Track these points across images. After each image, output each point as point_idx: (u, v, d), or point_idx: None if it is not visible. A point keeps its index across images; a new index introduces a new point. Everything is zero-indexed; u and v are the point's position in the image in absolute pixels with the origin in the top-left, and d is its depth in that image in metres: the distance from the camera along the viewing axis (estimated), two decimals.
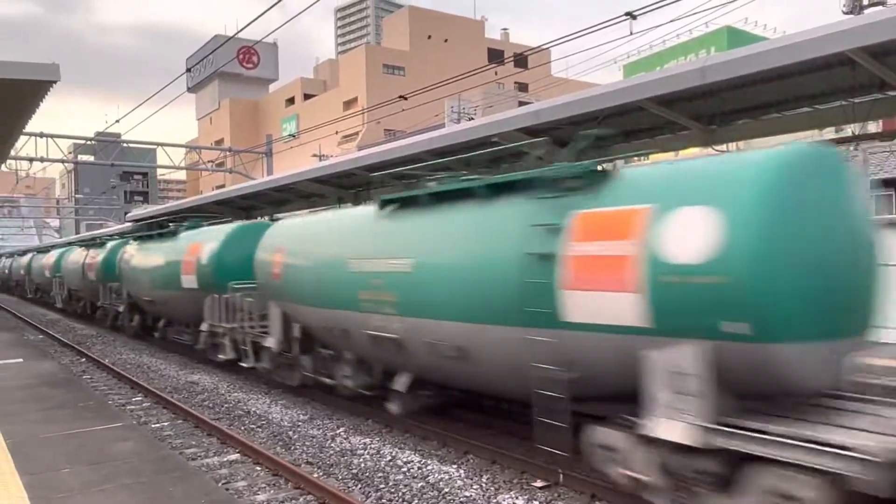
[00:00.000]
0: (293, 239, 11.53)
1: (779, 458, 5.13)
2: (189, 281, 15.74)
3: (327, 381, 10.99)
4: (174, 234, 17.83)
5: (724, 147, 10.99)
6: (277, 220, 16.79)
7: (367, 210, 10.14)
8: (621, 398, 6.30)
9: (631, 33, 10.41)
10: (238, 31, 14.69)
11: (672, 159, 10.69)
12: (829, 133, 12.15)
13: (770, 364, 5.35)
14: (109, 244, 24.79)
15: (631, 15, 9.70)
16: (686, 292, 5.58)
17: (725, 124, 10.16)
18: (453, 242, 8.02)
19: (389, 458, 8.58)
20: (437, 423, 9.67)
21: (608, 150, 8.56)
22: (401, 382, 9.33)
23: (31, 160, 29.47)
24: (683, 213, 5.73)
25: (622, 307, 6.00)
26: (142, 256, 19.40)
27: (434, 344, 8.11)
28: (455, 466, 8.16)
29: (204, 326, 14.96)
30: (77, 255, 28.53)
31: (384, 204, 9.54)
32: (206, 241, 15.52)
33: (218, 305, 14.10)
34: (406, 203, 9.13)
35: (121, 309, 22.22)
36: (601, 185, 6.67)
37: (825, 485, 4.88)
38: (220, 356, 14.20)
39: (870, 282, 5.95)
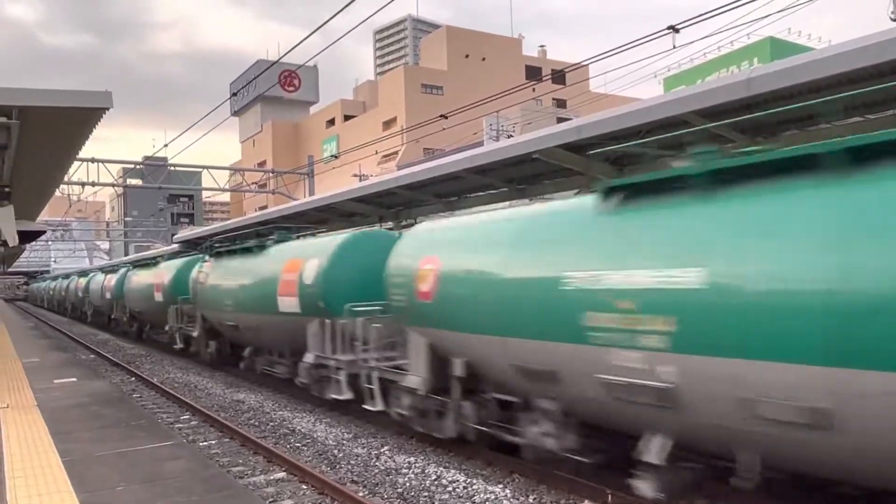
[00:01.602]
0: (455, 245, 8.90)
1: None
2: (288, 304, 13.21)
3: (508, 437, 8.29)
4: (263, 247, 15.43)
5: None
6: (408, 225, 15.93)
7: (583, 202, 7.51)
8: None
9: (674, 47, 10.31)
10: (281, 57, 15.01)
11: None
12: None
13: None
14: (178, 262, 22.89)
15: (674, 28, 9.62)
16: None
17: (771, 136, 9.98)
18: (794, 242, 5.21)
19: (434, 477, 8.54)
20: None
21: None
22: (654, 450, 6.34)
23: (83, 185, 30.48)
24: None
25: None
26: (222, 275, 17.06)
27: (752, 401, 5.31)
28: (501, 486, 8.08)
29: (309, 358, 12.53)
30: (142, 276, 26.05)
31: (610, 191, 6.97)
32: (309, 256, 12.94)
33: (328, 333, 11.93)
34: (655, 188, 6.61)
35: (195, 334, 19.70)
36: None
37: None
38: (332, 395, 11.90)
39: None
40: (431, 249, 9.13)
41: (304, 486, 8.47)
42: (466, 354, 8.50)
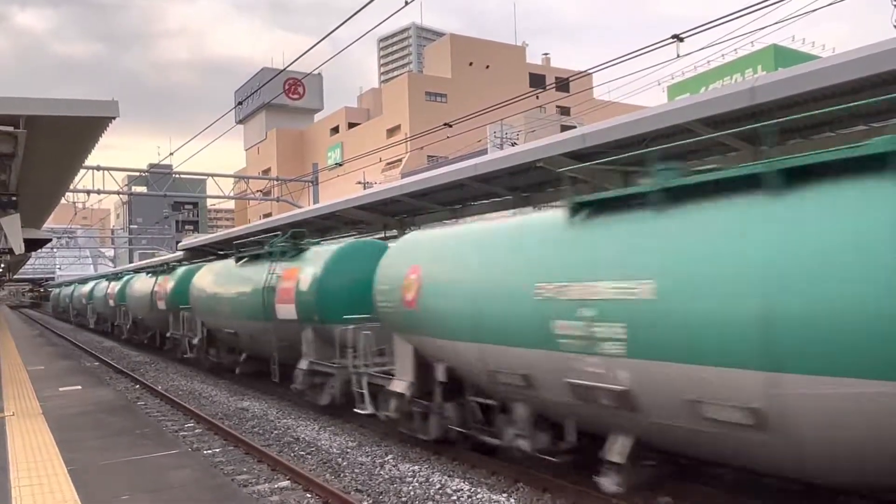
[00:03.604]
0: (436, 255, 9.32)
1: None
2: (286, 311, 13.64)
3: (487, 439, 8.79)
4: (260, 256, 15.90)
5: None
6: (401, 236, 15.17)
7: (553, 217, 7.89)
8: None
9: (678, 56, 10.32)
10: (287, 66, 15.06)
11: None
12: None
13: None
14: (179, 270, 23.19)
15: (678, 37, 9.63)
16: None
17: (777, 145, 9.96)
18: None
19: (439, 485, 8.52)
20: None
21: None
22: (618, 449, 6.87)
23: (88, 192, 30.58)
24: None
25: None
26: (220, 283, 17.66)
27: (697, 403, 5.75)
28: (505, 495, 8.06)
29: (303, 364, 13.07)
30: (143, 283, 26.47)
31: (578, 208, 7.41)
32: (305, 265, 13.49)
33: (322, 340, 12.56)
34: (619, 204, 7.00)
35: (195, 341, 20.08)
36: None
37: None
38: (323, 401, 12.60)
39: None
40: (416, 258, 9.53)
41: (309, 495, 8.46)
42: (446, 359, 9.02)
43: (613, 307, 6.38)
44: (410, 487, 8.52)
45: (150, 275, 26.54)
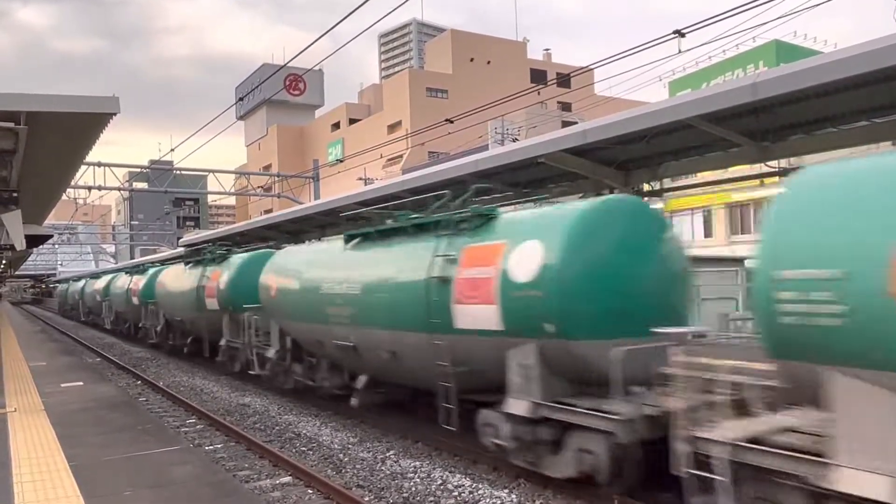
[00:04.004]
0: (283, 266, 14.16)
1: (582, 424, 7.37)
2: (211, 303, 18.43)
3: (310, 383, 13.37)
4: (201, 262, 20.39)
5: (775, 164, 10.77)
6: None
7: (337, 244, 12.58)
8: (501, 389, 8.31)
9: (679, 51, 10.29)
10: (288, 62, 15.04)
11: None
12: (886, 146, 11.79)
13: (573, 356, 7.61)
14: (150, 270, 28.00)
15: (679, 33, 9.60)
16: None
17: (779, 140, 9.95)
18: (391, 269, 10.46)
19: (440, 481, 8.53)
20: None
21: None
22: (360, 382, 11.72)
23: (89, 188, 30.58)
24: (524, 246, 8.13)
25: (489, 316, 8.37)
26: (175, 281, 22.42)
27: (376, 349, 10.51)
28: (507, 491, 8.07)
29: (222, 342, 17.74)
30: (123, 281, 32.08)
31: (350, 238, 12.05)
32: (224, 269, 18.24)
33: (233, 323, 16.87)
34: (366, 237, 11.58)
35: (159, 328, 25.06)
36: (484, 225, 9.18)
37: (605, 439, 7.11)
38: (235, 368, 16.85)
39: (670, 298, 8.04)
40: (275, 267, 14.40)
41: (310, 491, 8.47)
42: (292, 333, 13.74)
43: (347, 298, 11.07)
44: (412, 483, 8.53)
45: (191, 266, 21.54)
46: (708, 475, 5.73)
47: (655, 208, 9.80)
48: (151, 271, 27.69)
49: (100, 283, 39.32)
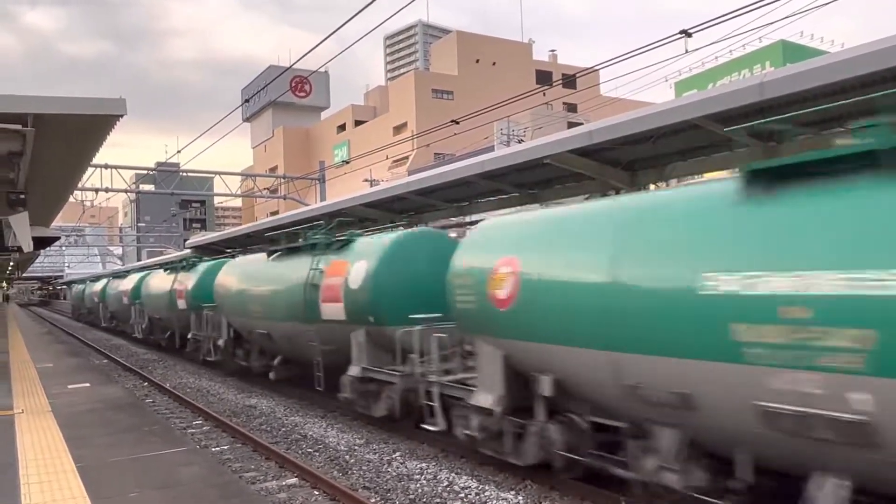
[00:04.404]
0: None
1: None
2: (332, 311, 12.33)
3: (615, 469, 7.03)
4: (300, 249, 14.33)
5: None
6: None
7: (721, 189, 6.46)
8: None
9: (686, 51, 10.26)
10: (293, 64, 15.06)
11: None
12: None
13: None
14: (202, 266, 21.69)
15: (686, 33, 9.57)
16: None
17: (786, 140, 9.90)
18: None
19: (446, 483, 8.51)
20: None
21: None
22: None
23: (96, 191, 30.71)
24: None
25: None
26: (249, 279, 16.29)
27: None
28: (513, 493, 8.05)
29: (354, 371, 11.75)
30: (161, 280, 24.65)
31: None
32: (354, 258, 12.13)
33: (376, 343, 11.51)
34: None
35: (220, 342, 18.69)
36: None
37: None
38: (379, 412, 11.20)
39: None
40: (509, 249, 8.08)
41: (317, 492, 8.47)
42: (555, 371, 7.48)
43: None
44: (418, 485, 8.52)
45: (283, 257, 15.22)
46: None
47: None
48: (204, 267, 21.48)
49: (127, 283, 31.89)
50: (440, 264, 9.64)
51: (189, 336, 21.67)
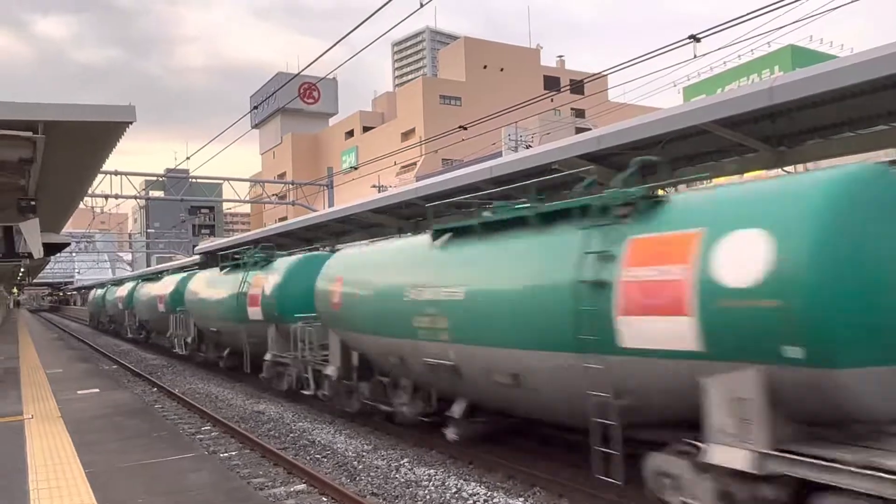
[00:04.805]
0: (352, 269, 11.90)
1: (845, 486, 4.98)
2: (255, 313, 16.10)
3: (385, 408, 11.20)
4: (240, 266, 18.00)
5: (792, 168, 10.67)
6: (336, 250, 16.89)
7: (422, 239, 10.34)
8: (679, 425, 6.34)
9: (695, 56, 10.22)
10: (301, 70, 15.12)
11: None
12: None
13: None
14: (178, 276, 25.08)
15: (695, 38, 9.54)
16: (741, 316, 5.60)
17: (795, 145, 9.86)
18: (507, 271, 8.17)
19: (455, 489, 8.48)
20: (501, 454, 9.55)
21: (657, 176, 8.68)
22: (457, 409, 9.48)
23: (106, 197, 30.86)
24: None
25: (678, 332, 6.00)
26: (207, 288, 20.04)
27: (489, 370, 8.24)
28: (522, 499, 8.01)
29: (268, 357, 15.52)
30: (148, 288, 29.19)
31: (437, 234, 9.83)
32: (270, 274, 15.90)
33: (281, 336, 15.02)
34: (460, 232, 9.40)
35: (189, 339, 22.61)
36: (652, 211, 6.73)
37: None
38: (283, 386, 15.05)
39: None
40: (339, 271, 12.25)
41: (325, 499, 8.45)
42: (359, 348, 11.76)
43: (444, 306, 8.99)
44: (426, 491, 8.49)
45: (230, 270, 18.91)
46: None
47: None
48: (179, 277, 23.79)
49: (163, 287, 25.75)
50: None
51: (268, 358, 15.67)
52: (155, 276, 31.55)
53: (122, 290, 35.80)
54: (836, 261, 5.28)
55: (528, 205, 8.25)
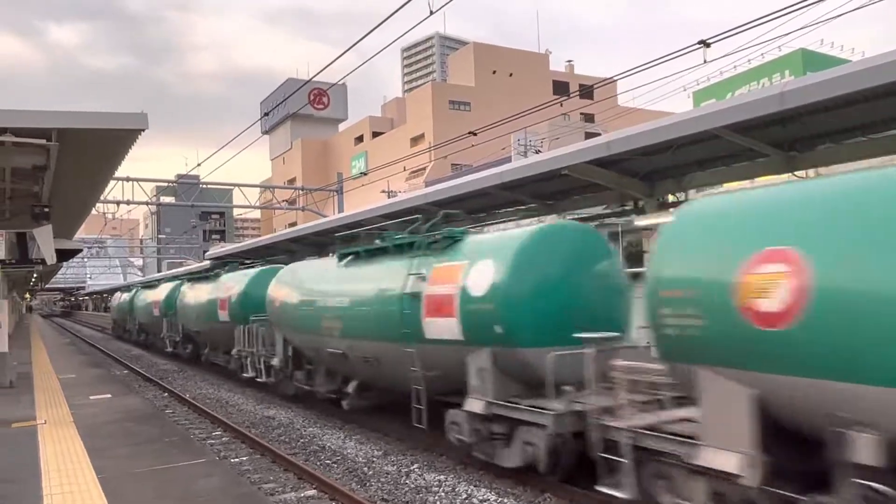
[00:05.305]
0: (286, 281, 15.31)
1: (524, 420, 8.35)
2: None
3: (308, 388, 14.52)
4: (217, 276, 21.48)
5: (803, 173, 10.62)
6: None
7: (333, 260, 13.61)
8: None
9: (705, 61, 10.20)
10: (312, 77, 15.19)
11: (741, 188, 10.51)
12: None
13: (524, 363, 8.68)
14: (169, 285, 28.35)
15: (705, 43, 9.53)
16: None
17: (806, 150, 9.81)
18: (370, 285, 11.59)
19: (465, 496, 8.46)
20: (381, 418, 9.78)
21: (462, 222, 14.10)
22: (350, 387, 12.87)
23: (118, 203, 31.08)
24: (480, 265, 9.32)
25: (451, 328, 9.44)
26: (192, 294, 23.30)
27: (363, 356, 11.69)
28: None
29: (234, 351, 18.30)
30: (146, 295, 32.66)
31: (341, 257, 13.14)
32: (236, 283, 19.15)
33: (243, 334, 17.52)
34: (354, 255, 12.70)
35: (178, 339, 26.19)
36: (450, 247, 10.15)
37: (542, 433, 8.06)
38: (244, 375, 17.62)
39: (608, 310, 9.00)
40: (279, 282, 16.18)
41: None
42: (293, 343, 14.89)
43: (338, 311, 12.26)
44: (436, 497, 8.48)
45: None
46: (614, 458, 6.94)
47: (597, 232, 10.38)
48: (171, 286, 26.65)
49: (220, 289, 20.27)
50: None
51: (161, 336, 18.02)
52: (205, 274, 24.15)
53: (159, 293, 29.19)
54: (519, 279, 8.67)
55: (387, 237, 11.65)
